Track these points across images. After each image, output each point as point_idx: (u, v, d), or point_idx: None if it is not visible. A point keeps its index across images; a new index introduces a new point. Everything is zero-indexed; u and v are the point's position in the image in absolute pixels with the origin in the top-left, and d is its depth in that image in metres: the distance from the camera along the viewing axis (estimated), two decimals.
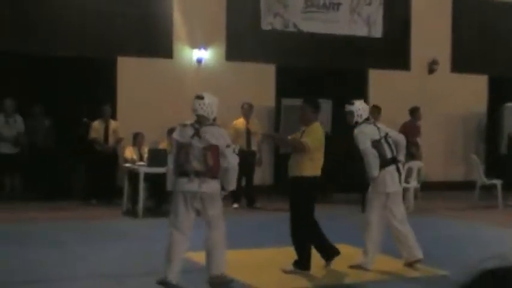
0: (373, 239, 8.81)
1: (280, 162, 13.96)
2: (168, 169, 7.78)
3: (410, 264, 8.96)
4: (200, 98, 7.75)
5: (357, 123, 8.94)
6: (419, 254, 8.95)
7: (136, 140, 14.41)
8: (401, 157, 9.11)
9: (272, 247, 9.98)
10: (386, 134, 8.96)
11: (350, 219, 12.98)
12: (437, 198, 16.45)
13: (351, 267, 8.84)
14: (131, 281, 8.05)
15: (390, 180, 8.78)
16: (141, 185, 13.12)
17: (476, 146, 18.79)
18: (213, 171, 7.50)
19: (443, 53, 18.71)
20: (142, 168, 13.12)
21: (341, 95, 16.98)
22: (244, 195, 14.86)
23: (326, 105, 16.78)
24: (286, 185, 8.83)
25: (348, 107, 9.04)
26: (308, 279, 8.36)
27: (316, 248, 8.59)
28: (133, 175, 13.51)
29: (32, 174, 15.12)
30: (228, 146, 7.57)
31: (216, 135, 7.59)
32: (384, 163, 8.74)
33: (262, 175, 15.69)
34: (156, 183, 13.01)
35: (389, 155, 8.82)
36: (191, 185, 7.47)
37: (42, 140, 15.12)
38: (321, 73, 17.18)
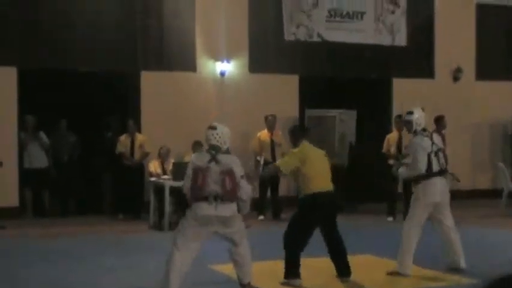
0: (409, 245, 8.91)
1: None
2: (185, 190, 7.68)
3: (453, 269, 9.15)
4: (213, 128, 7.69)
5: (415, 131, 9.19)
6: (463, 263, 9.15)
7: (161, 153, 14.42)
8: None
9: None
10: (439, 148, 9.22)
11: (374, 229, 12.97)
12: (464, 207, 16.30)
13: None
14: None
15: (432, 191, 8.96)
16: (167, 199, 13.15)
17: (503, 154, 18.64)
18: (231, 195, 7.44)
19: (468, 60, 18.60)
20: (168, 182, 13.16)
21: (365, 105, 16.98)
22: (270, 206, 14.88)
23: (350, 116, 16.72)
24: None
25: (407, 117, 9.32)
26: None
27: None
28: (159, 189, 13.55)
29: (59, 190, 15.20)
30: (242, 177, 7.53)
31: (233, 162, 7.54)
32: (429, 175, 8.95)
33: (287, 186, 15.62)
34: (181, 196, 13.00)
35: (435, 168, 9.04)
36: (211, 209, 7.37)
37: (67, 155, 15.20)
38: (344, 83, 17.11)
